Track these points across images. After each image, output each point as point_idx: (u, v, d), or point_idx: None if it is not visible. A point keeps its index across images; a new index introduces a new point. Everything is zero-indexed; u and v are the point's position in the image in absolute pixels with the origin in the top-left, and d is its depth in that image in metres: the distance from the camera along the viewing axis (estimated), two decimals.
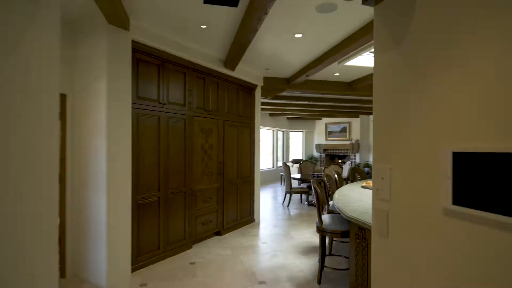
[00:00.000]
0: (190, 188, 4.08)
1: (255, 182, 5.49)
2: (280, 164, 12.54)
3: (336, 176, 4.57)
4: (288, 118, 12.44)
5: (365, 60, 4.43)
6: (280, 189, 9.71)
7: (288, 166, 6.89)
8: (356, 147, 11.57)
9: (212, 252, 3.94)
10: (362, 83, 5.69)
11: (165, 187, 3.71)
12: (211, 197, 4.47)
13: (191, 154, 4.09)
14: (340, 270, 3.28)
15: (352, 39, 3.45)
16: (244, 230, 4.93)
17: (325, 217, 3.27)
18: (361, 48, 3.76)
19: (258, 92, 5.60)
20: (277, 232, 4.88)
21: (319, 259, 3.16)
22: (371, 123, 11.09)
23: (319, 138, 12.73)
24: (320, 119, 12.63)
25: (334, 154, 12.39)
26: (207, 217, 4.39)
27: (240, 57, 4.19)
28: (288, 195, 7.10)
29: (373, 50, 4.18)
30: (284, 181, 10.49)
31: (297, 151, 13.45)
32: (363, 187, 4.30)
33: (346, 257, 3.62)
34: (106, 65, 2.95)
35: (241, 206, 5.13)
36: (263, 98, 6.44)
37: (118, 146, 3.08)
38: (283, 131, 12.65)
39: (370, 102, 8.01)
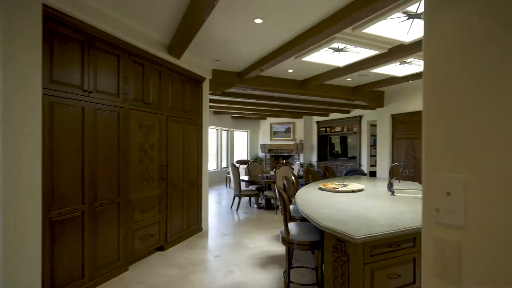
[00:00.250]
0: (126, 197, 3.34)
1: (203, 186, 4.90)
2: (224, 165, 12.03)
3: (293, 178, 4.27)
4: (233, 117, 12.00)
5: (322, 56, 4.23)
6: (226, 192, 9.20)
7: (237, 168, 6.45)
8: (300, 147, 11.70)
9: (155, 273, 3.27)
10: (314, 82, 5.55)
11: (92, 198, 2.93)
12: (152, 207, 3.76)
13: (127, 155, 3.35)
14: (309, 286, 2.94)
15: (317, 30, 3.16)
16: (191, 242, 4.32)
17: (291, 226, 2.90)
18: (324, 41, 3.51)
19: (206, 86, 5.03)
20: (229, 241, 4.39)
21: (284, 274, 2.77)
22: (314, 124, 11.38)
23: (264, 138, 12.58)
24: (265, 119, 12.49)
25: (279, 154, 12.36)
26: (147, 231, 3.68)
27: (187, 42, 3.60)
28: (237, 198, 6.65)
29: (333, 46, 4.03)
30: (230, 183, 10.02)
31: (241, 151, 13.10)
32: (320, 189, 4.09)
33: (312, 269, 3.31)
34: None
35: (188, 214, 4.50)
36: (211, 93, 5.87)
37: (20, 146, 2.25)
38: (227, 131, 12.16)
39: (317, 102, 8.04)
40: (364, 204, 2.96)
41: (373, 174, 9.20)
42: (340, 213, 2.60)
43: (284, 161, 12.47)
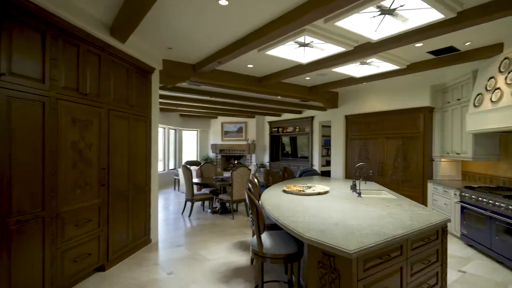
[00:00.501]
0: (54, 210, 2.65)
1: (151, 192, 4.29)
2: (172, 166, 11.22)
3: (256, 181, 3.94)
4: (181, 115, 11.26)
5: (286, 51, 3.98)
6: (174, 195, 8.51)
7: (190, 170, 5.89)
8: (252, 147, 11.47)
9: None
10: (273, 79, 5.31)
11: (4, 213, 2.21)
12: (89, 219, 3.09)
13: (55, 158, 2.66)
14: None
15: (290, 17, 2.87)
16: (139, 258, 3.71)
17: (263, 236, 2.55)
18: (293, 32, 3.25)
19: (156, 78, 4.43)
20: (184, 254, 3.88)
21: None
22: (266, 124, 11.26)
23: (215, 138, 12.08)
24: (216, 118, 11.99)
25: (231, 154, 11.98)
26: (82, 249, 3.00)
27: (134, 23, 3.03)
28: (189, 203, 6.09)
29: (300, 40, 3.80)
30: (178, 186, 9.32)
31: (190, 152, 12.39)
32: (284, 191, 3.84)
33: (285, 282, 3.01)
34: None
35: (134, 225, 3.87)
36: (162, 87, 5.26)
37: None
38: (175, 130, 11.37)
39: (271, 101, 7.86)
40: (337, 208, 2.76)
41: (325, 174, 9.38)
42: (317, 220, 2.35)
43: (236, 162, 12.14)
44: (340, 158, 6.77)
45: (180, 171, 8.82)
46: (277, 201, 3.20)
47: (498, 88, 3.50)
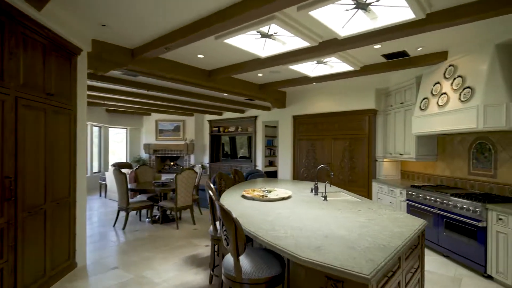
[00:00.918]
0: None
1: (77, 204, 3.43)
2: (96, 169, 9.76)
3: (212, 186, 3.44)
4: (109, 110, 9.87)
5: (245, 41, 3.60)
6: (100, 204, 7.32)
7: (124, 174, 5.02)
8: (191, 147, 10.74)
9: None
10: (224, 74, 4.86)
11: None
12: None
13: None
14: None
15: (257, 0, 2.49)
16: None
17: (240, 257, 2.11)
18: (261, 19, 2.88)
19: (83, 62, 3.58)
20: (123, 278, 3.16)
21: None
22: (206, 123, 10.76)
23: (149, 137, 10.95)
24: (150, 114, 10.89)
25: (166, 155, 11.01)
26: None
27: None
28: (122, 213, 5.21)
29: (264, 29, 3.44)
30: (105, 192, 8.08)
31: (119, 153, 11.00)
32: (244, 197, 3.45)
33: None
34: None
35: (54, 248, 3.00)
36: (91, 73, 4.34)
37: None
38: (100, 127, 9.93)
39: (214, 99, 7.38)
40: (313, 216, 2.50)
41: (269, 174, 9.28)
42: (303, 233, 2.03)
43: (173, 163, 11.24)
44: (288, 159, 6.67)
45: (108, 174, 7.64)
46: (242, 209, 2.79)
47: (445, 93, 3.73)
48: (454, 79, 3.62)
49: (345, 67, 4.53)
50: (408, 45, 3.72)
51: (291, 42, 3.59)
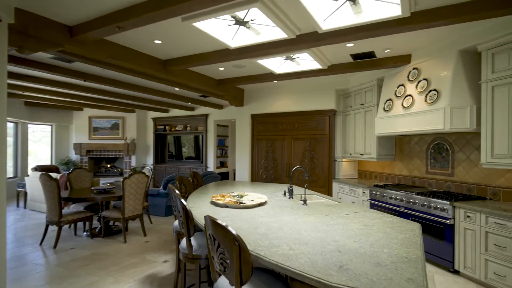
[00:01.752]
0: None
1: None
2: (11, 173, 8.09)
3: (177, 191, 2.93)
4: (28, 103, 8.28)
5: (216, 27, 3.18)
6: (18, 216, 6.01)
7: (55, 180, 4.09)
8: (132, 147, 9.68)
9: None
10: (182, 65, 4.32)
11: None
12: None
13: None
14: None
15: None
16: None
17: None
18: (235, 2, 2.51)
19: (2, 36, 2.73)
20: None
21: None
22: (150, 120, 10.01)
23: (80, 135, 9.54)
24: (82, 110, 9.49)
25: (102, 156, 9.73)
26: None
27: None
28: (52, 227, 4.27)
29: (241, 13, 3.03)
30: (25, 201, 6.68)
31: (42, 154, 9.33)
32: (216, 204, 3.03)
33: None
34: None
35: None
36: (14, 50, 3.42)
37: None
38: (17, 123, 8.28)
39: (163, 94, 6.69)
40: (307, 224, 2.23)
41: (222, 176, 8.86)
42: (310, 247, 1.74)
43: (110, 165, 10.00)
44: (245, 160, 6.36)
45: (29, 180, 6.32)
46: (221, 220, 2.38)
47: (410, 95, 3.84)
48: (419, 81, 3.75)
49: (312, 65, 4.41)
50: (377, 46, 3.74)
51: (266, 32, 3.29)
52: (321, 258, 1.58)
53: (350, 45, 3.70)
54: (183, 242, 2.48)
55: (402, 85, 4.05)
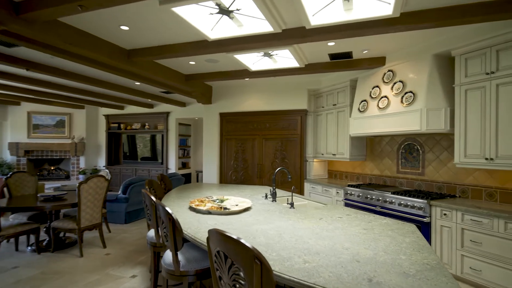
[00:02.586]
0: None
1: None
2: None
3: (153, 198, 2.58)
4: None
5: (196, 15, 2.87)
6: None
7: None
8: (80, 147, 8.71)
9: None
10: (149, 56, 3.90)
11: None
12: None
13: None
14: None
15: None
16: None
17: None
18: None
19: None
20: None
21: None
22: (102, 118, 9.27)
23: (17, 133, 8.31)
24: (19, 104, 8.28)
25: (45, 157, 8.59)
26: None
27: None
28: None
29: (224, 2, 2.75)
30: None
31: None
32: (195, 210, 2.74)
33: None
34: None
35: None
36: None
37: None
38: None
39: (120, 88, 6.10)
40: (307, 231, 2.08)
41: (186, 178, 8.41)
42: (324, 258, 1.58)
43: (53, 168, 8.89)
44: (213, 161, 6.05)
45: None
46: (200, 226, 2.12)
47: (385, 97, 3.93)
48: (394, 83, 3.85)
49: (289, 63, 4.30)
50: (356, 46, 3.75)
51: (249, 25, 3.08)
52: (343, 271, 1.43)
53: (331, 44, 3.65)
54: (167, 257, 2.16)
55: (377, 86, 4.13)
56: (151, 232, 2.77)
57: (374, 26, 2.88)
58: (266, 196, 3.44)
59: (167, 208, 1.99)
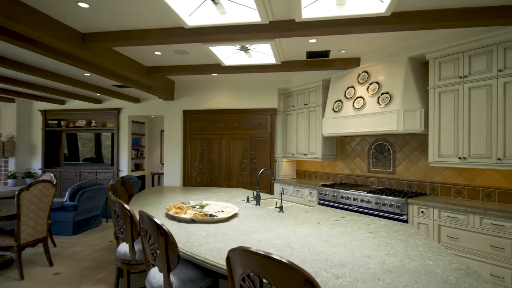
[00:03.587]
0: None
1: None
2: None
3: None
4: None
5: None
6: None
7: None
8: (9, 147, 7.42)
9: None
10: (107, 42, 3.37)
11: None
12: None
13: None
14: None
15: None
16: None
17: None
18: None
19: None
20: None
21: None
22: (38, 113, 8.20)
23: None
24: None
25: None
26: None
27: None
28: None
29: None
30: None
31: None
32: (173, 219, 2.39)
33: None
34: None
35: None
36: None
37: None
38: None
39: (65, 79, 5.31)
40: (314, 238, 1.91)
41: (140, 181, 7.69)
42: (353, 271, 1.42)
43: None
44: (176, 161, 5.58)
45: None
46: (204, 241, 1.82)
47: (361, 97, 3.97)
48: (370, 84, 3.90)
49: (265, 59, 4.11)
50: (335, 45, 3.71)
51: (234, 13, 2.81)
52: (384, 285, 1.27)
53: (312, 41, 3.56)
54: (154, 278, 1.79)
55: (352, 87, 4.16)
56: (123, 247, 2.34)
57: (363, 24, 2.84)
58: (247, 200, 3.20)
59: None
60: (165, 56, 4.21)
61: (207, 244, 1.80)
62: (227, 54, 4.03)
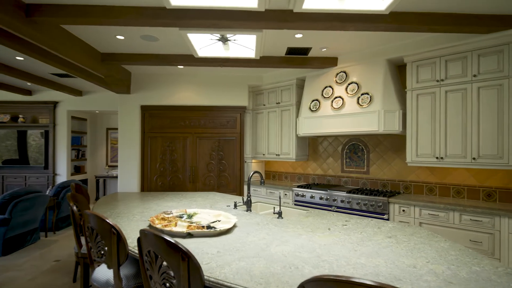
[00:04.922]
0: None
1: None
2: None
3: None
4: None
5: None
6: None
7: None
8: None
9: None
10: (60, 17, 2.73)
11: None
12: None
13: None
14: None
15: None
16: None
17: None
18: None
19: None
20: None
21: None
22: None
23: None
24: None
25: None
26: None
27: None
28: None
29: None
30: None
31: None
32: (157, 230, 1.99)
33: None
34: None
35: None
36: None
37: None
38: None
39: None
40: (336, 247, 1.74)
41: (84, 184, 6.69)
42: (411, 286, 1.25)
43: None
44: (133, 163, 4.92)
45: None
46: (217, 260, 1.51)
47: (339, 97, 3.96)
48: (349, 84, 3.91)
49: (244, 53, 3.83)
50: (318, 43, 3.62)
51: None
52: None
53: (299, 35, 3.40)
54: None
55: (330, 86, 4.13)
56: (103, 274, 1.86)
57: (359, 20, 2.77)
58: (235, 205, 2.90)
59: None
60: (128, 42, 3.64)
61: (228, 266, 1.48)
62: (202, 44, 3.65)
